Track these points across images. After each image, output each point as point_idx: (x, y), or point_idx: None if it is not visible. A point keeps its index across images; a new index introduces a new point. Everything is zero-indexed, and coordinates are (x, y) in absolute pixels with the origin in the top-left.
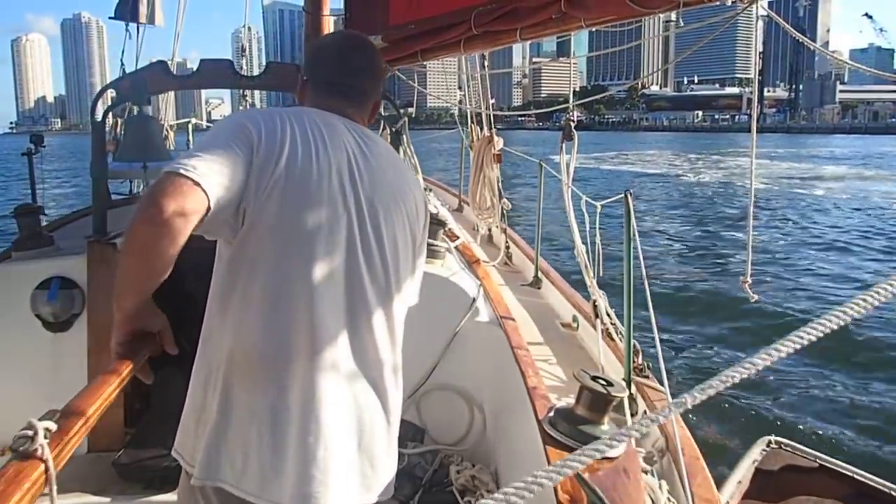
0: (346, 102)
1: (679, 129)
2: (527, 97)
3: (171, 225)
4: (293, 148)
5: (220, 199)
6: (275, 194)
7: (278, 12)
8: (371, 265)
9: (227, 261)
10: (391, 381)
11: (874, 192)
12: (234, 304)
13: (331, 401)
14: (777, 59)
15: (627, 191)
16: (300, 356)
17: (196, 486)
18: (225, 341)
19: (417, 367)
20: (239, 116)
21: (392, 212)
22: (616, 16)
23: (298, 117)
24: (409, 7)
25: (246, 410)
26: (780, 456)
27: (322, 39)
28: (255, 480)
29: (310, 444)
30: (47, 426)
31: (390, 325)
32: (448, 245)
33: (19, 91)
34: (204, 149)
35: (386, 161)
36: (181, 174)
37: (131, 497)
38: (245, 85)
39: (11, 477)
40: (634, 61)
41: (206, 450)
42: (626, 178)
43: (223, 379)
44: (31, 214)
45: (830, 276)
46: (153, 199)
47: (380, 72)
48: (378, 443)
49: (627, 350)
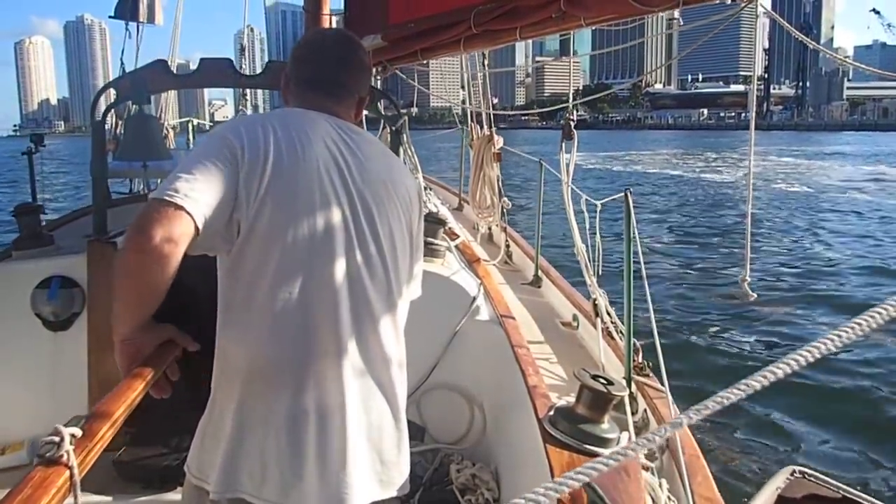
0: (326, 98)
1: (685, 128)
2: (530, 96)
3: (161, 251)
4: (278, 152)
5: (208, 218)
6: (266, 201)
7: (281, 13)
8: (369, 261)
9: (228, 273)
10: (397, 377)
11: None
12: (238, 315)
13: (342, 402)
14: (783, 55)
15: (627, 189)
16: (309, 360)
17: (215, 500)
18: (235, 353)
19: (418, 365)
20: (220, 130)
21: (385, 204)
22: (615, 14)
23: (281, 120)
24: (409, 6)
25: (261, 419)
26: (804, 485)
27: (302, 38)
28: (277, 488)
29: (328, 446)
30: (73, 432)
31: (392, 321)
32: (448, 244)
33: (23, 94)
34: (187, 170)
35: (373, 153)
36: (166, 200)
37: (131, 496)
38: (245, 84)
39: (38, 483)
40: (638, 60)
41: (223, 463)
42: (641, 179)
43: (238, 390)
44: (30, 214)
45: (833, 278)
46: (141, 227)
47: (361, 65)
48: (388, 440)
49: (628, 349)
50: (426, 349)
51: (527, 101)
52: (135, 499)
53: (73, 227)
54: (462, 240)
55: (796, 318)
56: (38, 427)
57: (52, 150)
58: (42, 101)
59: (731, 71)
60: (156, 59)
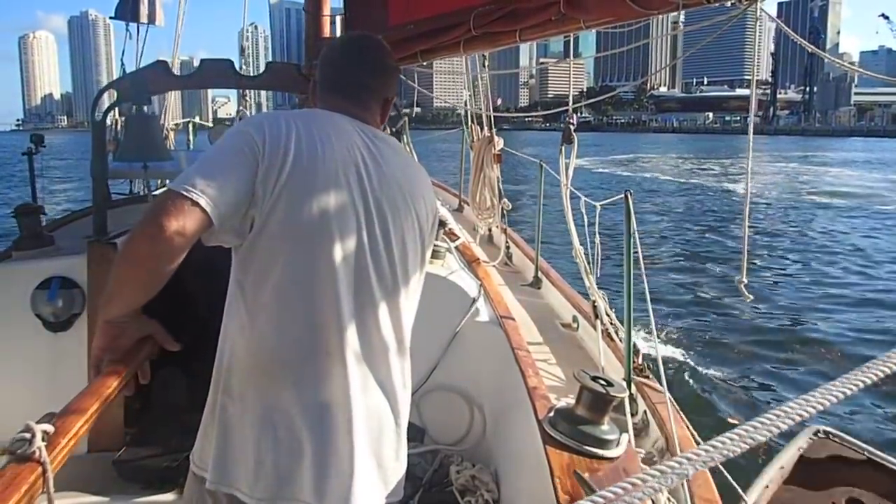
0: (350, 102)
1: (690, 131)
2: (533, 97)
3: (171, 243)
4: (298, 150)
5: (223, 214)
6: (282, 197)
7: (284, 11)
8: (379, 267)
9: (238, 266)
10: (399, 382)
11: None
12: (244, 309)
13: (342, 403)
14: (790, 60)
15: (627, 191)
16: (311, 359)
17: (210, 489)
18: (237, 345)
19: (418, 366)
20: (243, 124)
21: (401, 213)
22: (616, 17)
23: (304, 119)
24: (409, 7)
25: (259, 414)
26: (827, 446)
27: (331, 42)
28: (271, 484)
29: (325, 446)
30: (45, 429)
31: (398, 327)
32: (448, 245)
33: (26, 88)
34: (208, 164)
35: (396, 162)
36: (183, 194)
37: (131, 497)
38: (245, 85)
39: (9, 480)
40: (642, 63)
41: (217, 454)
42: (654, 186)
43: (237, 383)
44: (31, 214)
45: (835, 282)
46: (155, 217)
47: (386, 68)
48: (387, 443)
49: (627, 350)
50: (426, 350)
51: (530, 103)
52: (135, 499)
53: (74, 227)
54: (462, 241)
55: (796, 318)
56: None
57: (55, 144)
58: (45, 96)
59: (736, 75)
60: (156, 60)
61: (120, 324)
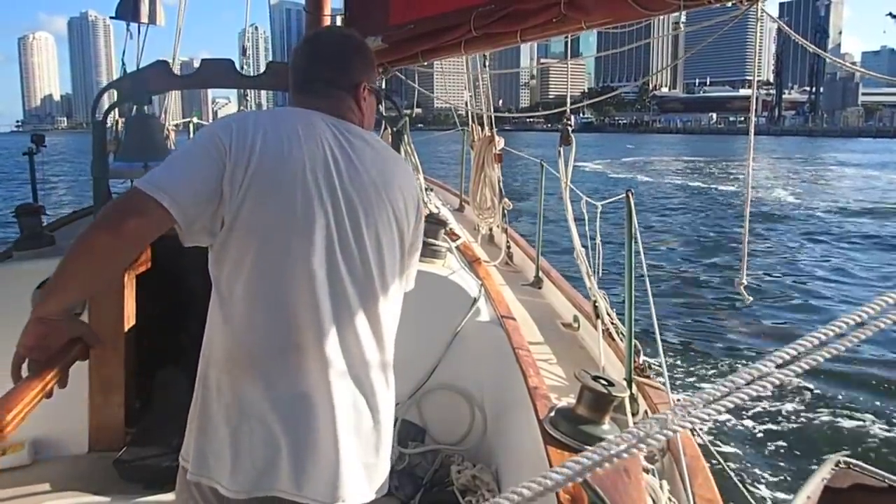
0: (317, 99)
1: (693, 132)
2: (535, 98)
3: (129, 241)
4: (264, 149)
5: (189, 213)
6: (248, 195)
7: (285, 11)
8: (350, 263)
9: (212, 263)
10: (378, 379)
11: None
12: (220, 304)
13: (314, 396)
14: (796, 60)
15: (628, 190)
16: (283, 354)
17: (192, 481)
18: (215, 340)
19: (418, 366)
20: (212, 125)
21: (375, 209)
22: (617, 18)
23: (273, 118)
24: (410, 7)
25: (236, 408)
26: (849, 475)
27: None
28: (249, 476)
29: (301, 436)
30: None
31: (374, 324)
32: (449, 245)
33: (26, 89)
34: (174, 163)
35: (369, 156)
36: (146, 193)
37: (132, 497)
38: (245, 85)
39: None
40: (644, 63)
41: (196, 445)
42: (659, 187)
43: (214, 377)
44: (32, 214)
45: (835, 282)
46: (117, 213)
47: (343, 54)
48: (365, 438)
49: (628, 350)
50: (427, 350)
51: (531, 103)
52: (135, 499)
53: (74, 227)
54: (463, 241)
55: (797, 319)
56: (39, 428)
57: (58, 147)
58: (45, 97)
59: (738, 75)
60: (157, 60)
61: (53, 321)
